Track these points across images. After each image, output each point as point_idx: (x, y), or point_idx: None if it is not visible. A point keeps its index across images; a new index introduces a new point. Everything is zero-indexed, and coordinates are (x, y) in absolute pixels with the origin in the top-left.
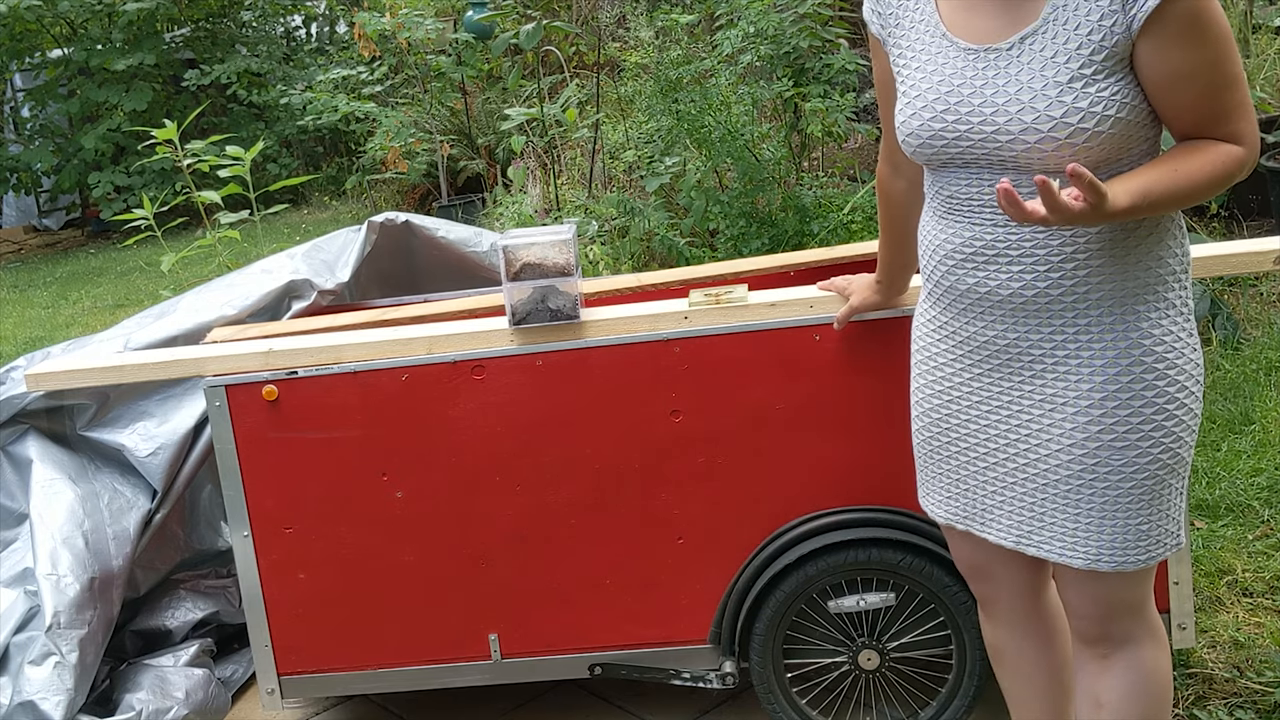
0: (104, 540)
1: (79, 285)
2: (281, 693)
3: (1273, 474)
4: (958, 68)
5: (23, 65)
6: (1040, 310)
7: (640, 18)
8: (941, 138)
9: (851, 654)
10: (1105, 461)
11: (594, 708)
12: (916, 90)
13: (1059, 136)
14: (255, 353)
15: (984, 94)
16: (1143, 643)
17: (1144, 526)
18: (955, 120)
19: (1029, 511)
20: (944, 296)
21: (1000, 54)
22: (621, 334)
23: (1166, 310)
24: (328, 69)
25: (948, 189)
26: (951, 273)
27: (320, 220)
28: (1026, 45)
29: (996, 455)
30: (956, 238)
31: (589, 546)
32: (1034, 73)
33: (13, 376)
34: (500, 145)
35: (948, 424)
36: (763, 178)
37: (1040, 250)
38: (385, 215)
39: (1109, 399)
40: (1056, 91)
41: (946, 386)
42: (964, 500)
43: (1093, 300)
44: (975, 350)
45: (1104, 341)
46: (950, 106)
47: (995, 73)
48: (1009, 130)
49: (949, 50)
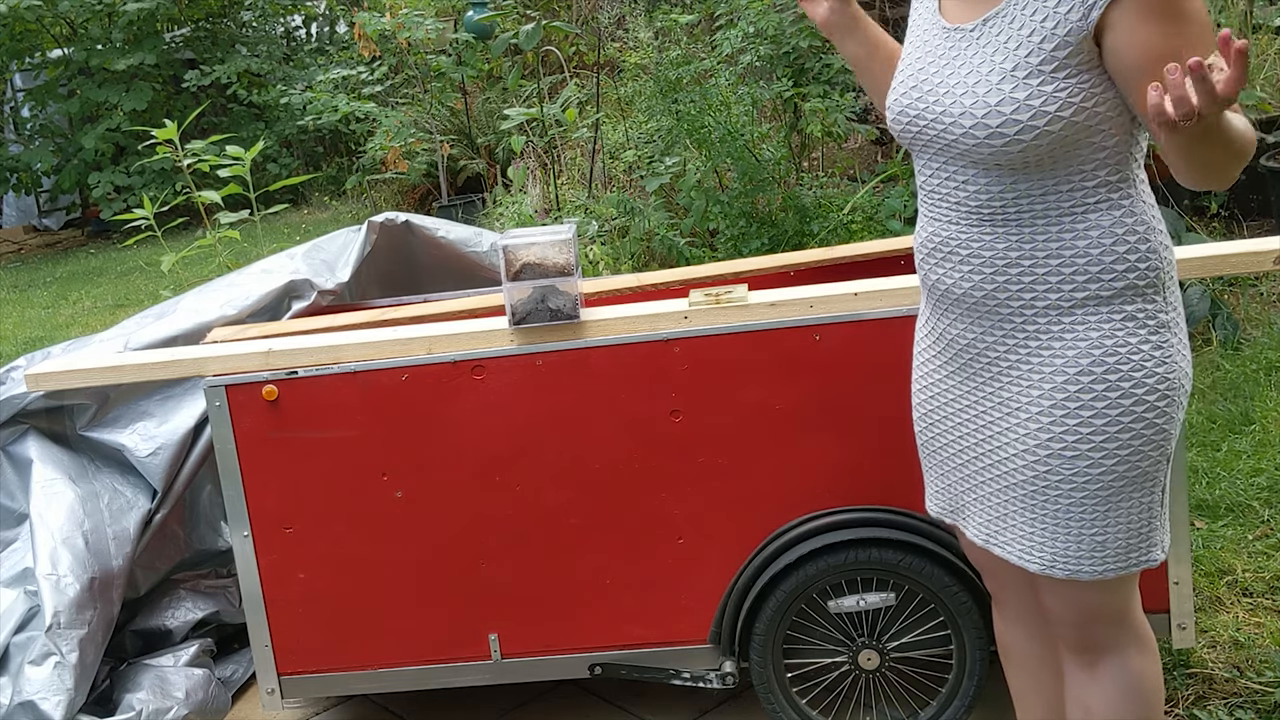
0: (104, 540)
1: (79, 285)
2: (281, 693)
3: (1273, 474)
4: (932, 47)
5: (23, 65)
6: (991, 312)
7: (640, 18)
8: (906, 115)
9: (851, 654)
10: (1056, 470)
11: (594, 708)
12: (901, 68)
13: (990, 124)
14: (255, 353)
15: (942, 75)
16: (1128, 650)
17: (1099, 538)
18: (918, 99)
19: (995, 511)
20: (926, 292)
21: (964, 34)
22: (621, 334)
23: (1124, 322)
24: (328, 69)
25: (920, 177)
26: (922, 265)
27: (320, 220)
28: (987, 28)
29: (968, 454)
30: (924, 231)
31: (589, 546)
32: (985, 57)
33: (13, 376)
34: (500, 145)
35: (931, 419)
36: (763, 178)
37: (986, 252)
38: (385, 215)
39: (1057, 407)
40: (998, 79)
41: (929, 383)
42: (948, 495)
43: (1039, 308)
44: (947, 347)
45: (1052, 350)
46: (917, 84)
47: (957, 54)
48: (952, 112)
49: (931, 30)
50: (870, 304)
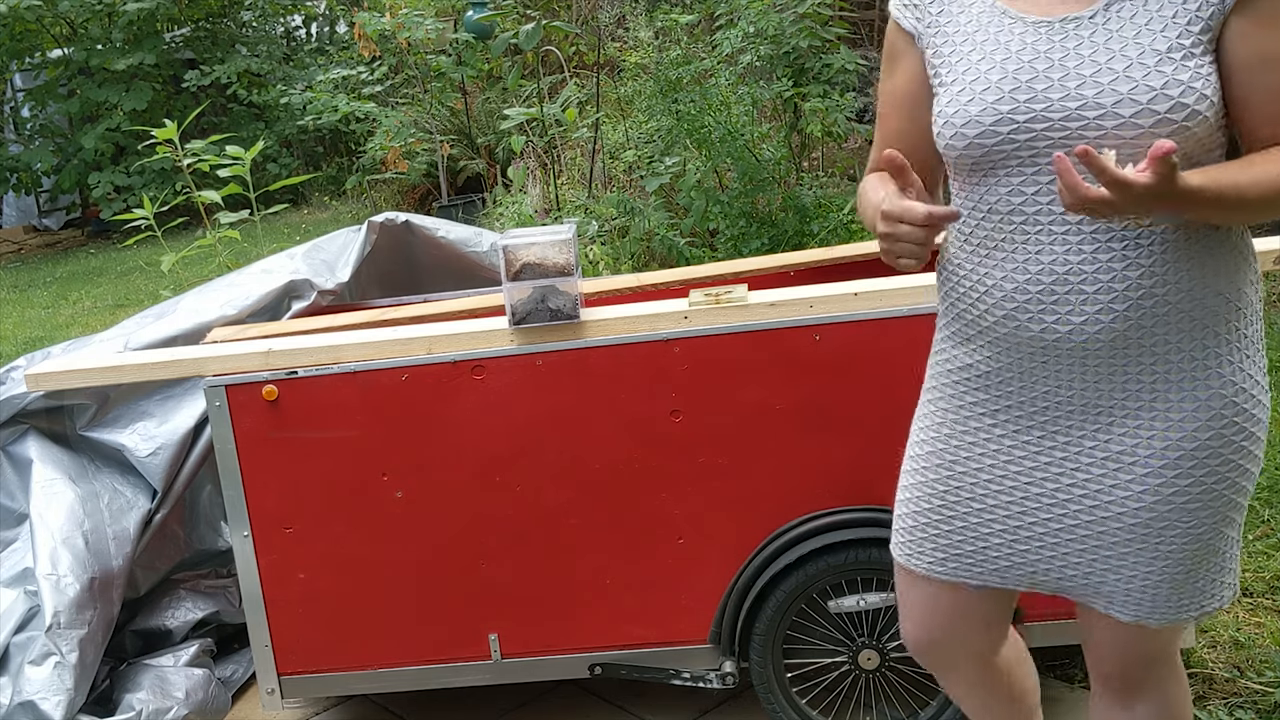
0: (104, 540)
1: (79, 285)
2: (281, 693)
3: (1273, 474)
4: (1027, 43)
5: (23, 65)
6: (1110, 359)
7: (640, 18)
8: (1010, 121)
9: (852, 654)
10: (1173, 524)
11: (594, 708)
12: (974, 73)
13: (1159, 110)
14: (255, 353)
15: (1065, 67)
16: (1167, 685)
17: (1199, 583)
18: (1029, 99)
19: (1078, 568)
20: (989, 345)
21: (1082, 23)
22: (621, 334)
23: (1246, 349)
24: (328, 69)
25: (1001, 205)
26: (1010, 318)
27: (320, 220)
28: (1114, 12)
29: (1036, 515)
30: (1019, 274)
31: (589, 546)
32: (1126, 40)
33: (13, 376)
34: (500, 145)
35: (978, 485)
36: (763, 178)
37: (1118, 284)
38: (385, 215)
39: (1185, 458)
40: (1155, 60)
41: (971, 441)
42: (974, 559)
43: (1173, 343)
44: (1021, 405)
45: (1183, 392)
46: (1022, 84)
47: (1078, 43)
48: (1099, 103)
49: (1013, 27)
50: (870, 304)
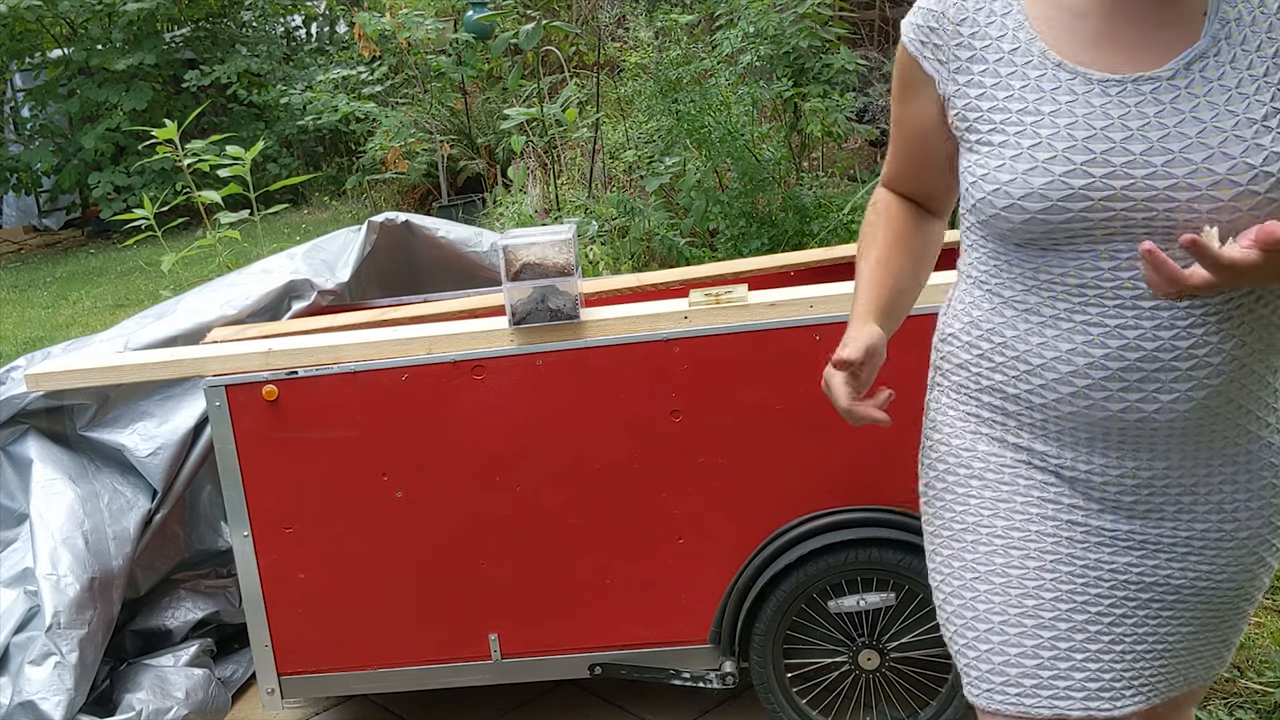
0: (104, 540)
1: (79, 285)
2: (281, 693)
3: None
4: (1095, 106)
5: (23, 65)
6: (1203, 433)
7: (640, 18)
8: (1083, 199)
9: (851, 654)
10: (1246, 591)
11: (594, 708)
12: (1031, 137)
13: (1259, 190)
14: (255, 353)
15: (1148, 138)
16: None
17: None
18: (1107, 174)
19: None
20: (1050, 425)
21: (1160, 85)
22: (621, 334)
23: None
24: (328, 69)
25: (1069, 278)
26: (1081, 396)
27: (320, 220)
28: (1196, 73)
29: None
30: (1094, 348)
31: (589, 546)
32: (1217, 108)
33: (13, 376)
34: (500, 145)
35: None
36: (763, 178)
37: (1214, 358)
38: (385, 215)
39: (1266, 525)
40: (1252, 131)
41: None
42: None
43: (1251, 411)
44: (1088, 493)
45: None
46: (1097, 156)
47: (1159, 109)
48: (1192, 185)
49: (1073, 84)
50: None
